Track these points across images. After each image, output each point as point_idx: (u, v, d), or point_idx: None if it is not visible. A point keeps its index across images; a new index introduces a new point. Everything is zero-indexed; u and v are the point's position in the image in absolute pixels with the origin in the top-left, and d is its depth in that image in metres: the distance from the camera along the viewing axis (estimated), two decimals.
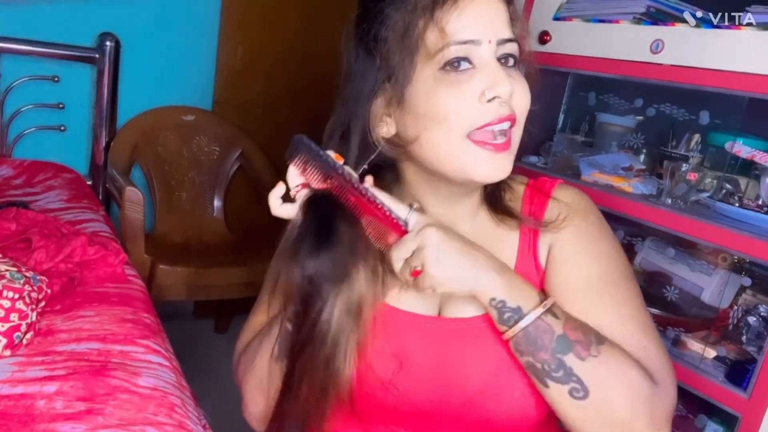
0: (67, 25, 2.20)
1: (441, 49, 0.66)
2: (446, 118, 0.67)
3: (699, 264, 1.27)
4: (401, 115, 0.71)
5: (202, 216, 2.45)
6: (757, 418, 1.04)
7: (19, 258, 1.29)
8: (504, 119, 0.68)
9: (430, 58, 0.67)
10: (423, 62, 0.67)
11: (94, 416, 0.90)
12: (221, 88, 2.53)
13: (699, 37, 1.17)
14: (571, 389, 0.67)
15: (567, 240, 0.77)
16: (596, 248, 0.77)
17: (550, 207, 0.79)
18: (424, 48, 0.67)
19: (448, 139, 0.68)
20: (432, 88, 0.67)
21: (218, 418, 1.14)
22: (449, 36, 0.66)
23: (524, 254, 0.78)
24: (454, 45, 0.66)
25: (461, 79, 0.67)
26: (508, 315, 0.68)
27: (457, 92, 0.67)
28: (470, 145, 0.68)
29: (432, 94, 0.67)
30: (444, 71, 0.67)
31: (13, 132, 2.21)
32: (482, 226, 0.80)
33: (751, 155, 1.16)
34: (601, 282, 0.75)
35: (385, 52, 0.68)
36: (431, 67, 0.67)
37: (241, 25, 2.48)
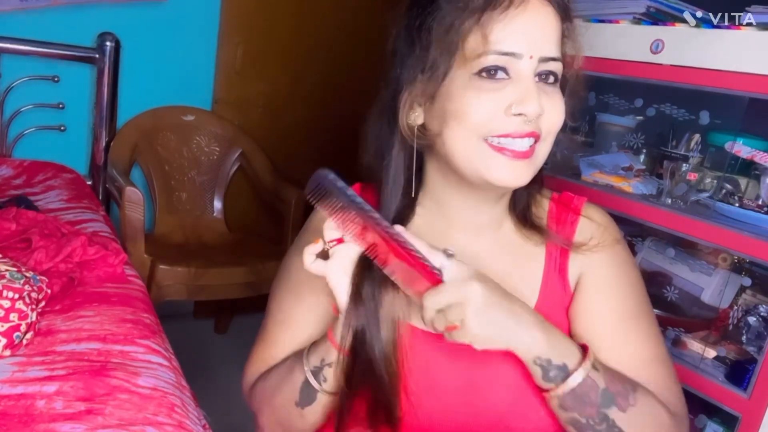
0: (67, 25, 2.20)
1: (479, 56, 0.65)
2: (467, 118, 0.67)
3: (699, 264, 1.27)
4: (430, 107, 0.70)
5: (202, 216, 2.45)
6: (757, 418, 1.04)
7: (19, 258, 1.29)
8: (525, 136, 0.67)
9: (467, 61, 0.66)
10: (459, 63, 0.67)
11: (94, 416, 0.90)
12: (221, 88, 2.53)
13: (699, 37, 1.17)
14: None
15: (600, 267, 0.77)
16: (627, 279, 0.78)
17: (581, 227, 0.79)
18: (463, 49, 0.66)
19: (466, 138, 0.68)
20: (462, 89, 0.67)
21: (218, 418, 1.14)
22: (490, 44, 0.65)
23: (551, 273, 0.78)
24: (493, 54, 0.65)
25: (494, 87, 0.66)
26: (553, 373, 0.67)
27: (485, 98, 0.66)
28: (487, 149, 0.68)
29: (461, 94, 0.67)
30: (479, 76, 0.66)
31: (13, 132, 2.21)
32: (507, 239, 0.79)
33: (751, 155, 1.16)
34: (631, 315, 0.76)
35: (428, 43, 0.68)
36: (466, 70, 0.67)
37: (241, 25, 2.48)
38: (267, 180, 2.41)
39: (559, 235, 0.78)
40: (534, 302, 0.77)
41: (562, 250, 0.78)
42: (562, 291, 0.78)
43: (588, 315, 0.76)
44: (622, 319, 0.76)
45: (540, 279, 0.77)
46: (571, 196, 0.82)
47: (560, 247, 0.78)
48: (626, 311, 0.76)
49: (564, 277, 0.78)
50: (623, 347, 0.74)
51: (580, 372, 0.66)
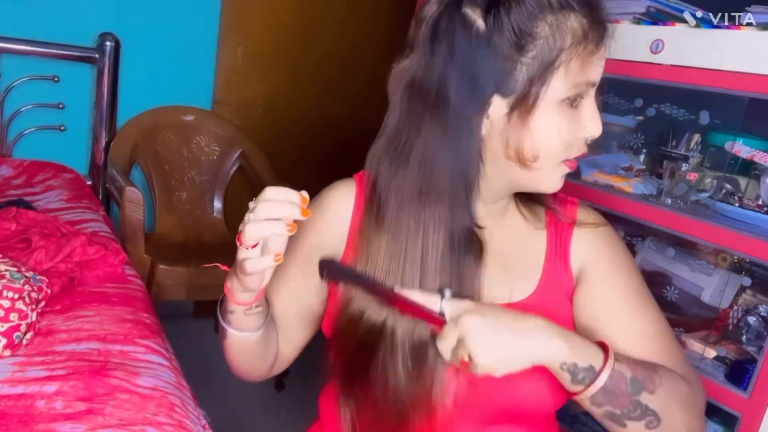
0: (67, 25, 2.20)
1: (578, 85, 0.70)
2: (558, 146, 0.72)
3: (699, 264, 1.27)
4: (513, 126, 0.71)
5: (202, 216, 2.45)
6: (757, 418, 1.04)
7: (19, 258, 1.29)
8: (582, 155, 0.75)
9: (564, 88, 0.69)
10: (555, 88, 0.69)
11: (94, 416, 0.90)
12: (221, 88, 2.53)
13: (699, 37, 1.17)
14: (647, 422, 0.71)
15: (601, 254, 0.81)
16: (624, 259, 0.82)
17: (580, 211, 0.85)
18: (562, 76, 0.69)
19: (550, 163, 0.73)
20: (554, 116, 0.70)
21: (218, 418, 1.14)
22: (588, 75, 0.70)
23: (553, 256, 0.82)
24: (585, 84, 0.70)
25: (573, 113, 0.71)
26: (582, 375, 0.69)
27: (570, 126, 0.71)
28: (561, 168, 0.74)
29: (554, 123, 0.70)
30: (565, 102, 0.70)
31: (13, 132, 2.21)
32: (511, 221, 0.83)
33: (751, 155, 1.16)
34: (633, 293, 0.80)
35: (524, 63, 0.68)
36: (558, 95, 0.70)
37: (241, 25, 2.48)
38: (267, 180, 2.41)
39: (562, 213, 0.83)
40: (536, 282, 0.80)
41: (564, 234, 0.82)
42: (563, 273, 0.81)
43: (596, 301, 0.79)
44: (626, 298, 0.79)
45: (542, 260, 0.81)
46: (564, 195, 0.87)
47: (560, 230, 0.82)
48: (629, 290, 0.80)
49: (566, 261, 0.81)
50: (631, 325, 0.78)
51: (606, 369, 0.68)
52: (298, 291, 0.85)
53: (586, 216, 0.84)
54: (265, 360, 0.84)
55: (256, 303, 0.73)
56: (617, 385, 0.69)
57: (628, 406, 0.69)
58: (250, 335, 0.76)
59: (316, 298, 0.86)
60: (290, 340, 0.87)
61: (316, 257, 0.82)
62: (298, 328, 0.87)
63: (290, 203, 0.64)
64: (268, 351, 0.83)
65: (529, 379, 0.74)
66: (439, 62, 0.70)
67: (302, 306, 0.86)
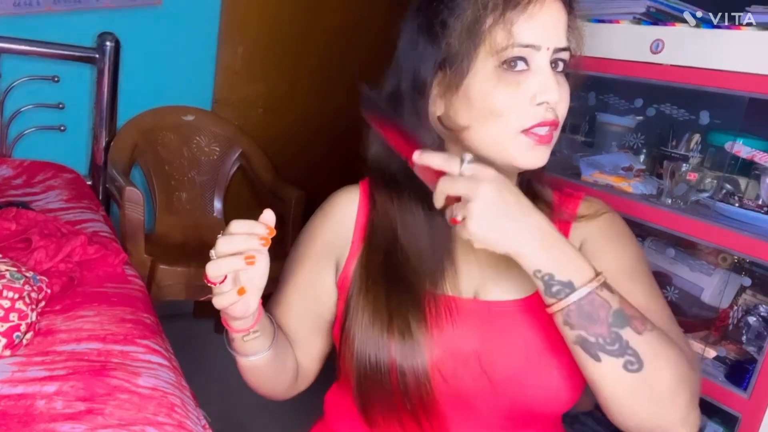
0: (67, 25, 2.20)
1: (504, 48, 0.70)
2: (502, 114, 0.71)
3: (699, 264, 1.27)
4: (454, 100, 0.74)
5: (202, 216, 2.45)
6: (757, 418, 1.04)
7: (19, 258, 1.29)
8: (548, 124, 0.72)
9: (493, 54, 0.71)
10: (485, 55, 0.71)
11: (94, 416, 0.90)
12: (221, 88, 2.53)
13: (699, 37, 1.17)
14: (626, 362, 0.66)
15: (599, 232, 0.82)
16: (627, 240, 0.82)
17: (582, 204, 0.85)
18: (488, 43, 0.71)
19: (502, 133, 0.72)
20: (490, 83, 0.71)
21: (218, 418, 1.14)
22: (515, 37, 0.70)
23: None
24: (517, 46, 0.70)
25: (518, 79, 0.71)
26: (556, 288, 0.66)
27: (513, 92, 0.71)
28: (521, 137, 0.72)
29: (490, 89, 0.71)
30: (502, 68, 0.71)
31: (13, 132, 2.21)
32: None
33: (751, 155, 1.16)
34: (635, 272, 0.79)
35: (450, 38, 0.72)
36: (491, 62, 0.71)
37: (241, 25, 2.48)
38: (267, 180, 2.41)
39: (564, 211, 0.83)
40: None
41: (564, 225, 0.82)
42: None
43: None
44: (623, 274, 0.77)
45: None
46: (572, 190, 0.88)
47: (561, 226, 0.81)
48: (631, 269, 0.79)
49: None
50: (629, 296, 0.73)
51: (585, 288, 0.66)
52: (309, 300, 0.85)
53: (587, 208, 0.84)
54: (281, 379, 0.84)
55: (253, 328, 0.73)
56: (596, 310, 0.65)
57: (605, 337, 0.65)
58: (257, 359, 0.77)
59: (326, 306, 0.85)
60: (308, 353, 0.87)
61: (322, 266, 0.84)
62: (313, 340, 0.87)
63: (248, 235, 0.66)
64: (283, 370, 0.83)
65: (540, 381, 0.74)
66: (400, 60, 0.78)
67: (313, 316, 0.86)
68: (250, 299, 0.68)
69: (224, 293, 0.67)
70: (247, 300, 0.68)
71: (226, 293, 0.67)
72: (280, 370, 0.82)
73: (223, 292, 0.67)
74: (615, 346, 0.66)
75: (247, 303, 0.69)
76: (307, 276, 0.85)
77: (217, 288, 0.67)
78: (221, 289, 0.67)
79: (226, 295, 0.67)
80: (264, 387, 0.84)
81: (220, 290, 0.67)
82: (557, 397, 0.76)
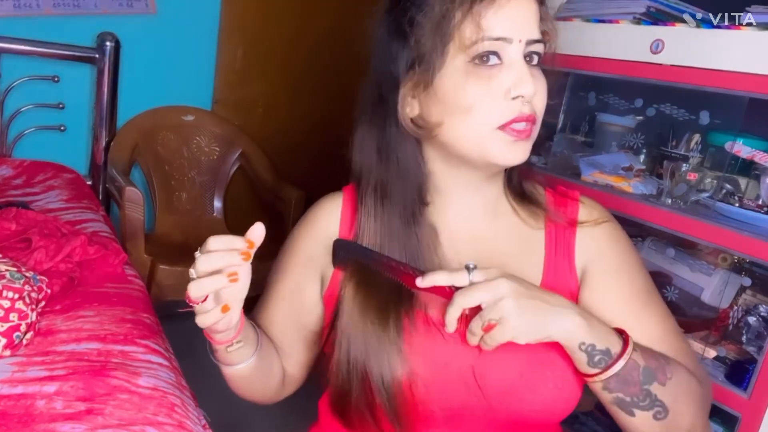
0: (67, 25, 2.20)
1: (474, 42, 0.69)
2: (473, 110, 0.70)
3: (699, 264, 1.26)
4: (426, 99, 0.73)
5: (202, 216, 2.45)
6: (757, 418, 1.04)
7: (19, 258, 1.29)
8: (525, 119, 0.71)
9: (463, 50, 0.69)
10: (455, 52, 0.70)
11: (94, 416, 0.90)
12: (221, 88, 2.53)
13: (699, 37, 1.17)
14: (655, 413, 0.71)
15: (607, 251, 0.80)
16: (632, 259, 0.81)
17: (582, 209, 0.83)
18: (458, 38, 0.69)
19: (476, 129, 0.71)
20: (461, 78, 0.70)
21: (218, 418, 1.13)
22: (484, 31, 0.68)
23: (553, 255, 0.80)
24: (487, 40, 0.69)
25: (490, 73, 0.70)
26: (598, 358, 0.69)
27: (485, 86, 0.69)
28: (499, 134, 0.71)
29: (460, 85, 0.70)
30: (473, 63, 0.69)
31: (13, 132, 2.21)
32: (505, 222, 0.82)
33: (751, 155, 1.16)
34: (640, 293, 0.79)
35: (419, 36, 0.71)
36: (462, 58, 0.70)
37: (241, 25, 2.48)
38: (267, 180, 2.41)
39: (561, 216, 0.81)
40: (539, 284, 0.78)
41: (566, 233, 0.80)
42: (567, 274, 0.80)
43: (601, 304, 0.78)
44: (632, 300, 0.78)
45: (542, 261, 0.80)
46: (566, 189, 0.85)
47: (562, 229, 0.81)
48: (634, 291, 0.79)
49: (570, 261, 0.80)
50: (638, 326, 0.77)
51: (624, 357, 0.69)
52: (292, 311, 0.85)
53: (588, 214, 0.82)
54: (267, 386, 0.84)
55: (236, 339, 0.72)
56: (630, 373, 0.69)
57: (639, 395, 0.70)
58: (242, 367, 0.76)
59: (311, 317, 0.85)
60: (295, 361, 0.87)
61: (306, 275, 0.83)
62: (299, 348, 0.86)
63: (229, 252, 0.63)
64: (269, 376, 0.83)
65: (535, 395, 0.74)
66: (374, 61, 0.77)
67: (298, 327, 0.85)
68: (232, 314, 0.67)
69: (207, 312, 0.65)
70: (230, 315, 0.67)
71: (210, 312, 0.65)
72: (265, 377, 0.82)
73: (207, 311, 0.65)
74: (646, 402, 0.70)
75: (230, 318, 0.68)
76: (292, 288, 0.84)
77: (199, 307, 0.65)
78: (204, 308, 0.64)
79: (210, 314, 0.65)
80: (250, 393, 0.83)
81: (203, 309, 0.65)
82: (553, 408, 0.75)
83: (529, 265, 0.80)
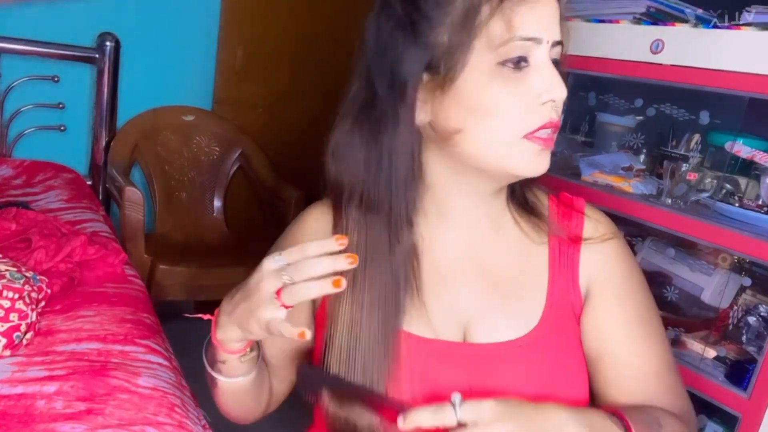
0: (67, 25, 2.20)
1: (505, 42, 0.63)
2: (500, 116, 0.64)
3: (699, 264, 1.27)
4: (442, 103, 0.66)
5: (202, 216, 2.45)
6: (757, 418, 1.04)
7: (19, 258, 1.29)
8: (553, 125, 0.66)
9: (492, 49, 0.63)
10: (480, 51, 0.63)
11: (94, 416, 0.90)
12: (221, 88, 2.53)
13: (699, 37, 1.17)
14: None
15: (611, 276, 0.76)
16: (638, 279, 0.77)
17: (587, 224, 0.77)
18: (485, 36, 0.63)
19: (500, 137, 0.65)
20: (486, 80, 0.64)
21: (218, 418, 1.13)
22: (515, 30, 0.62)
23: (557, 274, 0.76)
24: (519, 40, 0.63)
25: (518, 77, 0.64)
26: None
27: (513, 90, 0.64)
28: (525, 143, 0.66)
29: (486, 88, 0.64)
30: (502, 66, 0.63)
31: (13, 132, 2.21)
32: (508, 236, 0.76)
33: (751, 155, 1.16)
34: (643, 320, 0.76)
35: (437, 33, 0.64)
36: (488, 59, 0.63)
37: (241, 25, 2.48)
38: (267, 180, 2.41)
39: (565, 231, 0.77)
40: (542, 308, 0.74)
41: (571, 249, 0.76)
42: (570, 292, 0.75)
43: (604, 327, 0.75)
44: (635, 326, 0.75)
45: (546, 277, 0.75)
46: (570, 196, 0.80)
47: (566, 244, 0.76)
48: (639, 317, 0.76)
49: (574, 279, 0.76)
50: (637, 358, 0.74)
51: None
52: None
53: (593, 229, 0.77)
54: (259, 401, 0.81)
55: (251, 346, 0.69)
56: None
57: None
58: (243, 380, 0.72)
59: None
60: (283, 378, 0.84)
61: None
62: (287, 366, 0.83)
63: (331, 257, 0.60)
64: (262, 390, 0.80)
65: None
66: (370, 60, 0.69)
67: (288, 345, 0.81)
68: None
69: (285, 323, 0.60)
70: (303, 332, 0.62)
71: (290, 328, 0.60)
72: (259, 390, 0.79)
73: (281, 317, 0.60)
74: None
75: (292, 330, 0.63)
76: None
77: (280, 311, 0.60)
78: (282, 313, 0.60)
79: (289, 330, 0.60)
80: (240, 410, 0.80)
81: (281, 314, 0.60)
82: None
83: (532, 283, 0.75)
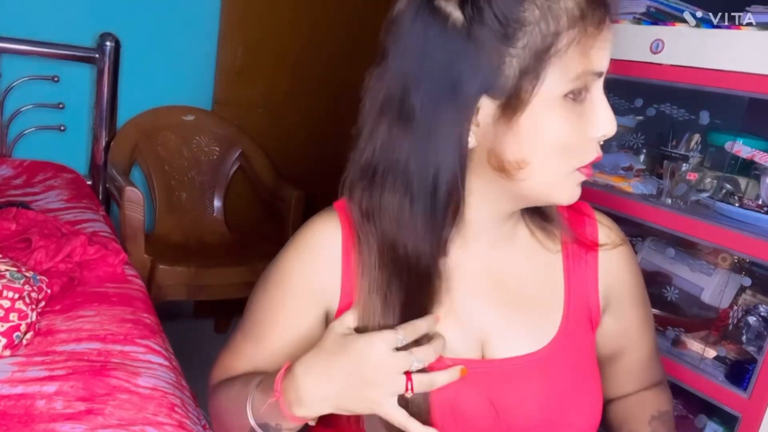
0: (67, 25, 2.20)
1: (579, 76, 0.59)
2: (565, 150, 0.61)
3: (699, 264, 1.27)
4: (500, 130, 0.61)
5: (202, 216, 2.45)
6: (757, 418, 1.04)
7: (19, 258, 1.29)
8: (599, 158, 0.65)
9: (564, 81, 0.58)
10: (551, 81, 0.58)
11: (94, 416, 0.90)
12: (221, 88, 2.53)
13: (699, 37, 1.17)
14: None
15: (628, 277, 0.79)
16: (642, 282, 0.82)
17: (601, 230, 0.78)
18: (559, 66, 0.58)
19: (562, 171, 0.63)
20: (553, 113, 0.60)
21: None
22: (591, 63, 0.59)
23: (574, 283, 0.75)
24: (591, 74, 0.60)
25: (579, 110, 0.61)
26: None
27: (576, 123, 0.61)
28: (575, 175, 0.64)
29: (553, 121, 0.60)
30: (565, 98, 0.60)
31: (13, 132, 2.21)
32: (522, 247, 0.75)
33: (751, 155, 1.16)
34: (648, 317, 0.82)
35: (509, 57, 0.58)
36: (558, 90, 0.59)
37: (241, 25, 2.48)
38: (267, 180, 2.41)
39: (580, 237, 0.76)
40: (559, 318, 0.73)
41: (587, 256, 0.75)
42: (587, 301, 0.75)
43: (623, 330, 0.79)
44: (646, 323, 0.82)
45: (562, 286, 0.74)
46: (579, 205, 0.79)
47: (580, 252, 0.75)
48: (647, 315, 0.82)
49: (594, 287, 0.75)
50: (646, 351, 0.82)
51: None
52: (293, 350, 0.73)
53: (606, 235, 0.77)
54: None
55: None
56: None
57: None
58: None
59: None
60: None
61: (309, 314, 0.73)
62: None
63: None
64: None
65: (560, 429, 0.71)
66: (410, 65, 0.60)
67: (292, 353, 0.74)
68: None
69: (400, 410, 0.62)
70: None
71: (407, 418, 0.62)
72: None
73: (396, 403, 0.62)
74: None
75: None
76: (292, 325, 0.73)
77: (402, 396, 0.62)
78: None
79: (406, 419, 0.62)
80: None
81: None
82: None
83: (548, 294, 0.74)
